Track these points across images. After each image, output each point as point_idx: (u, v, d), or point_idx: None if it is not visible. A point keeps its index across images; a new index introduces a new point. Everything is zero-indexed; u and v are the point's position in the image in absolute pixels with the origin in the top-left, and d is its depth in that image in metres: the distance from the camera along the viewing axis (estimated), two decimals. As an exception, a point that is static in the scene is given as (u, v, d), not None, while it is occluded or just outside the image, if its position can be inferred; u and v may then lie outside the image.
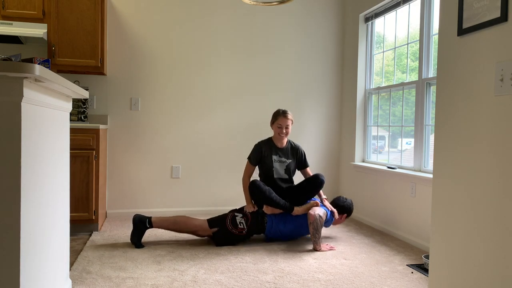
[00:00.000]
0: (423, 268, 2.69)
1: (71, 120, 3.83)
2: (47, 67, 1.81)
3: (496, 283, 1.66)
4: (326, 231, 3.65)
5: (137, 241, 3.05)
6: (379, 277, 2.53)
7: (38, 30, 3.43)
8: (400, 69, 3.83)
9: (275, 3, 3.01)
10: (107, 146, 4.02)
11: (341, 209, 3.42)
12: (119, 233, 3.43)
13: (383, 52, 4.03)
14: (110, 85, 4.03)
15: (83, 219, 3.35)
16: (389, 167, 3.63)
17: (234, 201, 4.33)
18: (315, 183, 3.27)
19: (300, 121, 4.48)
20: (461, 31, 1.86)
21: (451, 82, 1.94)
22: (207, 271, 2.57)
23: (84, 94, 2.00)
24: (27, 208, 1.42)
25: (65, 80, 1.62)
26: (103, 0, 3.62)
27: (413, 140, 3.48)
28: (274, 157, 3.37)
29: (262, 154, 3.37)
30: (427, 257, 2.67)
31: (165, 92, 4.15)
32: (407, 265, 2.76)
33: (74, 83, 3.22)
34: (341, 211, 3.43)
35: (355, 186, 4.25)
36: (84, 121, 3.86)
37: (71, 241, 3.18)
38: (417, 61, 3.44)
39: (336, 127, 4.61)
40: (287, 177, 3.40)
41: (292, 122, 3.36)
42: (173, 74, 4.16)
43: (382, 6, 3.91)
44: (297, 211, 3.21)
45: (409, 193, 3.36)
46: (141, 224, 3.09)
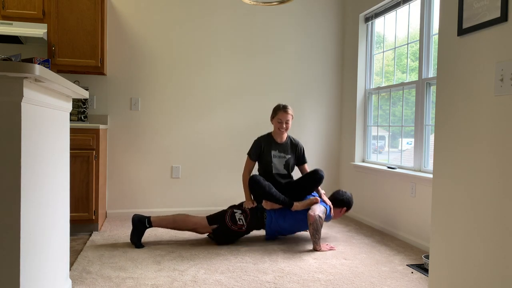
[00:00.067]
0: (423, 268, 2.69)
1: (71, 120, 3.83)
2: (47, 67, 1.81)
3: (496, 283, 1.66)
4: (326, 231, 3.65)
5: (137, 241, 3.05)
6: (379, 277, 2.53)
7: (38, 30, 3.43)
8: (400, 69, 3.83)
9: (275, 3, 3.01)
10: (107, 146, 4.02)
11: (340, 202, 3.39)
12: (119, 233, 3.43)
13: (383, 52, 4.03)
14: (110, 85, 4.03)
15: (83, 219, 3.35)
16: (389, 167, 3.63)
17: (234, 201, 4.33)
18: (314, 179, 3.26)
19: (300, 121, 4.48)
20: (461, 31, 1.86)
21: (451, 82, 1.94)
22: (207, 271, 2.57)
23: (84, 94, 2.00)
24: (27, 208, 1.42)
25: (65, 80, 1.62)
26: (103, 0, 3.62)
27: (413, 140, 3.48)
28: (273, 153, 3.35)
29: (261, 149, 3.36)
30: (427, 257, 2.67)
31: (165, 92, 4.15)
32: (407, 265, 2.76)
33: (74, 83, 3.22)
34: (340, 205, 3.40)
35: (355, 186, 4.25)
36: (84, 121, 3.86)
37: (71, 241, 3.18)
38: (417, 61, 3.44)
39: (336, 127, 4.61)
40: (286, 172, 3.38)
41: (292, 117, 3.34)
42: (173, 74, 4.16)
43: (382, 6, 3.91)
44: (296, 206, 3.19)
45: (409, 193, 3.36)
46: (141, 224, 3.08)
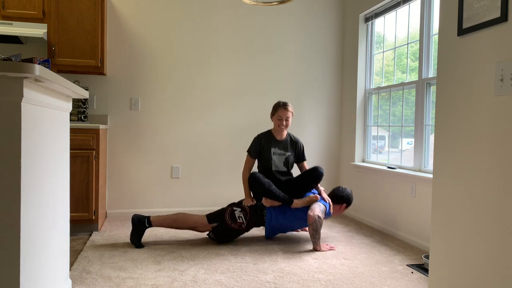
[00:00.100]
0: (423, 268, 2.69)
1: (71, 120, 3.83)
2: (47, 67, 1.81)
3: (496, 283, 1.66)
4: (326, 231, 3.65)
5: (137, 241, 3.05)
6: (379, 277, 2.53)
7: (38, 30, 3.43)
8: (400, 69, 3.83)
9: (275, 3, 3.01)
10: (107, 146, 4.02)
11: (340, 199, 3.39)
12: (119, 233, 3.43)
13: (383, 52, 4.03)
14: (110, 85, 4.03)
15: (83, 219, 3.35)
16: (389, 167, 3.63)
17: (234, 201, 4.32)
18: (314, 176, 3.25)
19: (300, 121, 4.48)
20: (461, 31, 1.86)
21: (451, 82, 1.94)
22: (207, 271, 2.57)
23: (84, 94, 2.00)
24: (27, 208, 1.42)
25: (65, 80, 1.62)
26: (103, 0, 3.62)
27: (413, 140, 3.48)
28: (273, 150, 3.34)
29: (261, 146, 3.35)
30: (427, 257, 2.67)
31: (165, 92, 4.15)
32: (407, 265, 2.76)
33: (74, 83, 3.22)
34: (340, 201, 3.39)
35: (355, 186, 4.25)
36: (84, 121, 3.86)
37: (71, 241, 3.18)
38: (417, 61, 3.44)
39: (336, 127, 4.61)
40: (285, 169, 3.37)
41: (292, 114, 3.33)
42: (173, 74, 4.16)
43: (382, 6, 3.91)
44: (296, 203, 3.19)
45: (409, 193, 3.36)
46: (140, 224, 3.08)
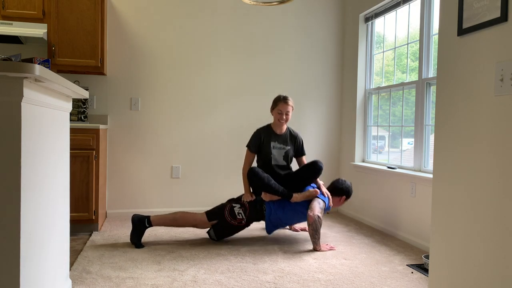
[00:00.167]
0: (423, 268, 2.69)
1: (71, 120, 3.83)
2: (47, 67, 1.81)
3: (496, 283, 1.66)
4: (326, 231, 3.65)
5: (137, 241, 3.05)
6: (379, 277, 2.53)
7: (38, 30, 3.43)
8: (400, 69, 3.83)
9: (275, 3, 3.01)
10: (107, 146, 4.02)
11: (339, 191, 3.38)
12: (119, 233, 3.43)
13: (383, 52, 4.03)
14: (110, 85, 4.03)
15: (83, 219, 3.35)
16: (389, 167, 3.63)
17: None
18: (314, 170, 3.24)
19: (300, 121, 4.48)
20: (461, 31, 1.86)
21: (451, 82, 1.94)
22: (207, 271, 2.57)
23: (84, 94, 2.00)
24: (27, 208, 1.42)
25: (65, 80, 1.62)
26: (103, 0, 3.62)
27: (413, 140, 3.48)
28: (272, 144, 3.34)
29: (261, 140, 3.34)
30: (427, 257, 2.67)
31: (165, 92, 4.15)
32: (407, 265, 2.76)
33: (74, 83, 3.22)
34: (340, 193, 3.39)
35: (355, 186, 4.25)
36: (84, 121, 3.86)
37: (71, 241, 3.18)
38: (417, 61, 3.44)
39: (336, 127, 4.61)
40: (285, 163, 3.37)
41: (292, 108, 3.32)
42: (173, 74, 4.16)
43: (382, 6, 3.91)
44: (295, 198, 3.18)
45: (409, 193, 3.36)
46: (141, 224, 3.08)
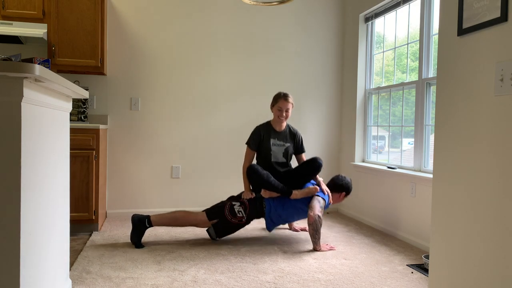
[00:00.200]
0: (423, 268, 2.69)
1: (71, 120, 3.83)
2: (47, 67, 1.81)
3: (496, 283, 1.66)
4: (326, 231, 3.65)
5: (137, 241, 3.05)
6: (379, 277, 2.53)
7: (38, 30, 3.43)
8: (400, 69, 3.83)
9: (275, 3, 3.01)
10: (107, 146, 4.02)
11: (339, 187, 3.38)
12: (119, 233, 3.43)
13: (383, 52, 4.03)
14: (110, 85, 4.03)
15: (83, 219, 3.35)
16: (389, 167, 3.63)
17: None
18: (313, 167, 3.24)
19: (300, 121, 4.48)
20: (461, 31, 1.86)
21: (451, 82, 1.94)
22: (207, 271, 2.57)
23: (84, 94, 2.00)
24: (27, 208, 1.42)
25: (65, 80, 1.62)
26: (103, 0, 3.62)
27: (413, 140, 3.48)
28: (272, 141, 3.34)
29: (261, 137, 3.34)
30: (427, 257, 2.67)
31: (165, 92, 4.15)
32: (407, 265, 2.76)
33: (74, 83, 3.22)
34: (340, 189, 3.39)
35: (355, 186, 4.25)
36: (84, 121, 3.86)
37: (71, 241, 3.18)
38: (417, 61, 3.44)
39: (336, 127, 4.61)
40: (284, 160, 3.37)
41: (292, 105, 3.32)
42: (173, 74, 4.16)
43: (382, 6, 3.91)
44: (295, 195, 3.18)
45: (409, 193, 3.36)
46: (141, 224, 3.08)
